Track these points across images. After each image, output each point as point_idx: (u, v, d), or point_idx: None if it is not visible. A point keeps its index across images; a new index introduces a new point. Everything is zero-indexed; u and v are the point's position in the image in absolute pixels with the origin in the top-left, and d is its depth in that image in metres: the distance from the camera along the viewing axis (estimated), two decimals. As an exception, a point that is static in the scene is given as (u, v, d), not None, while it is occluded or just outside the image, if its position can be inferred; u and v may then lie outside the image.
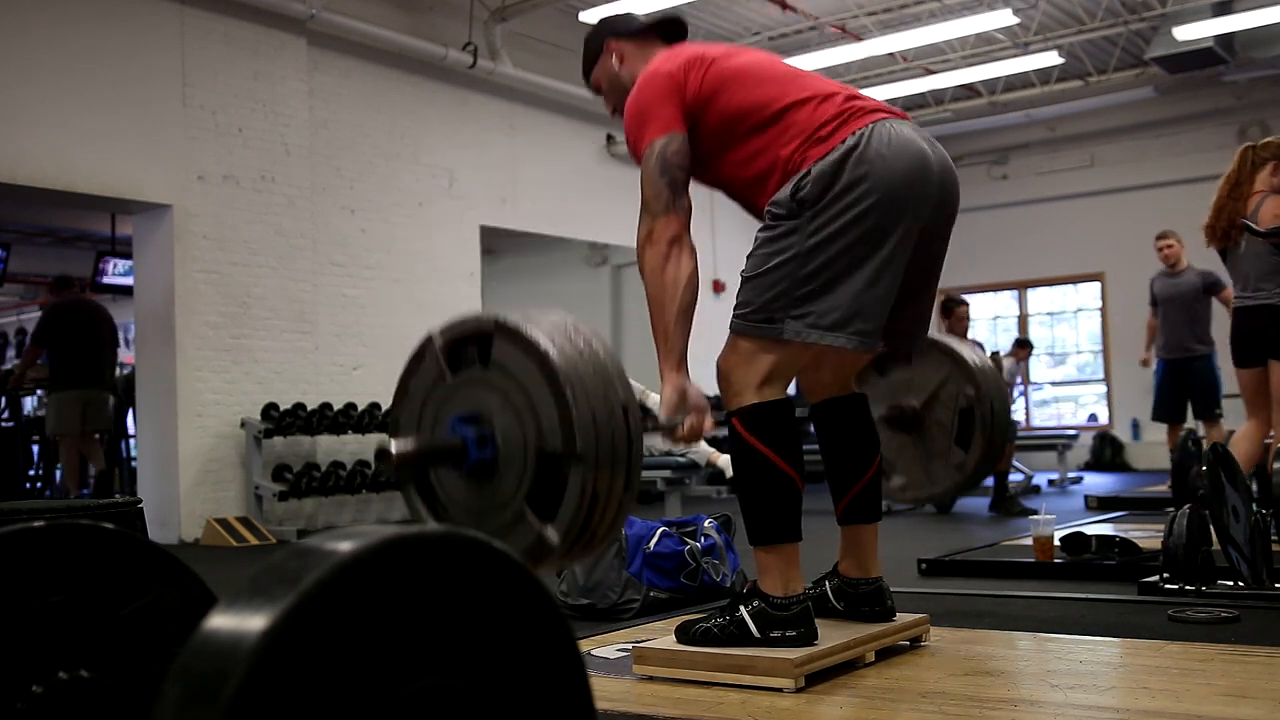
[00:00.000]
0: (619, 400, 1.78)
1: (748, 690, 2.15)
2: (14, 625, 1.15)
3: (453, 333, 1.90)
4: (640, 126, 2.34)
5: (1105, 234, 12.41)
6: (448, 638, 0.87)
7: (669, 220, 2.27)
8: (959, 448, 2.85)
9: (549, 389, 1.74)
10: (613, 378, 1.79)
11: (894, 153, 2.25)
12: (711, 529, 3.63)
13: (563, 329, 1.80)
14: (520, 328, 1.78)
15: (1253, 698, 2.02)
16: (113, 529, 1.22)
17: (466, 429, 1.82)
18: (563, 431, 1.73)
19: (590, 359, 1.78)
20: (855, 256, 2.23)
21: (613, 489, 1.77)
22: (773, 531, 2.27)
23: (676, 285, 2.26)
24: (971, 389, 2.82)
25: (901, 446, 2.92)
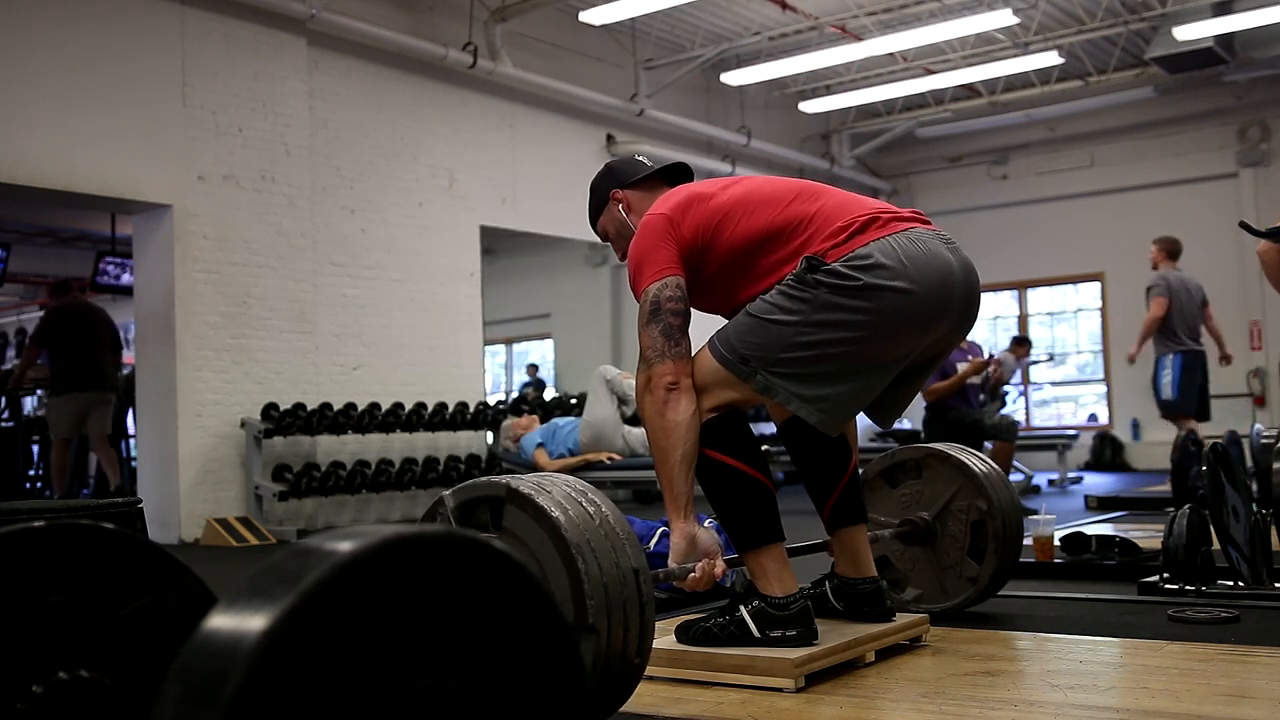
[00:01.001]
0: (630, 567, 1.78)
1: (748, 690, 2.15)
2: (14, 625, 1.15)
3: (464, 495, 1.91)
4: (638, 272, 2.32)
5: (1105, 234, 12.42)
6: (448, 638, 0.87)
7: (665, 367, 2.24)
8: (972, 560, 2.86)
9: (560, 558, 1.75)
10: (624, 543, 1.80)
11: (917, 267, 2.19)
12: (711, 529, 3.63)
13: (573, 496, 1.81)
14: (532, 496, 1.79)
15: (1253, 698, 2.02)
16: (113, 529, 1.22)
17: None
18: (574, 603, 1.74)
19: (601, 525, 1.79)
20: (851, 350, 2.19)
21: (625, 656, 1.78)
22: (755, 535, 2.29)
23: (677, 431, 2.22)
24: (983, 503, 2.83)
25: (915, 559, 2.94)
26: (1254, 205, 11.26)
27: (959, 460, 2.89)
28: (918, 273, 2.18)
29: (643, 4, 8.76)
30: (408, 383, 8.27)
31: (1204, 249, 11.80)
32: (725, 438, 2.28)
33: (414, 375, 8.35)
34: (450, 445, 8.47)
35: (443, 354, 8.64)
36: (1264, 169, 11.62)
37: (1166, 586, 3.22)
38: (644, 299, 2.28)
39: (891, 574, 2.96)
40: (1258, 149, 11.66)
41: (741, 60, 10.93)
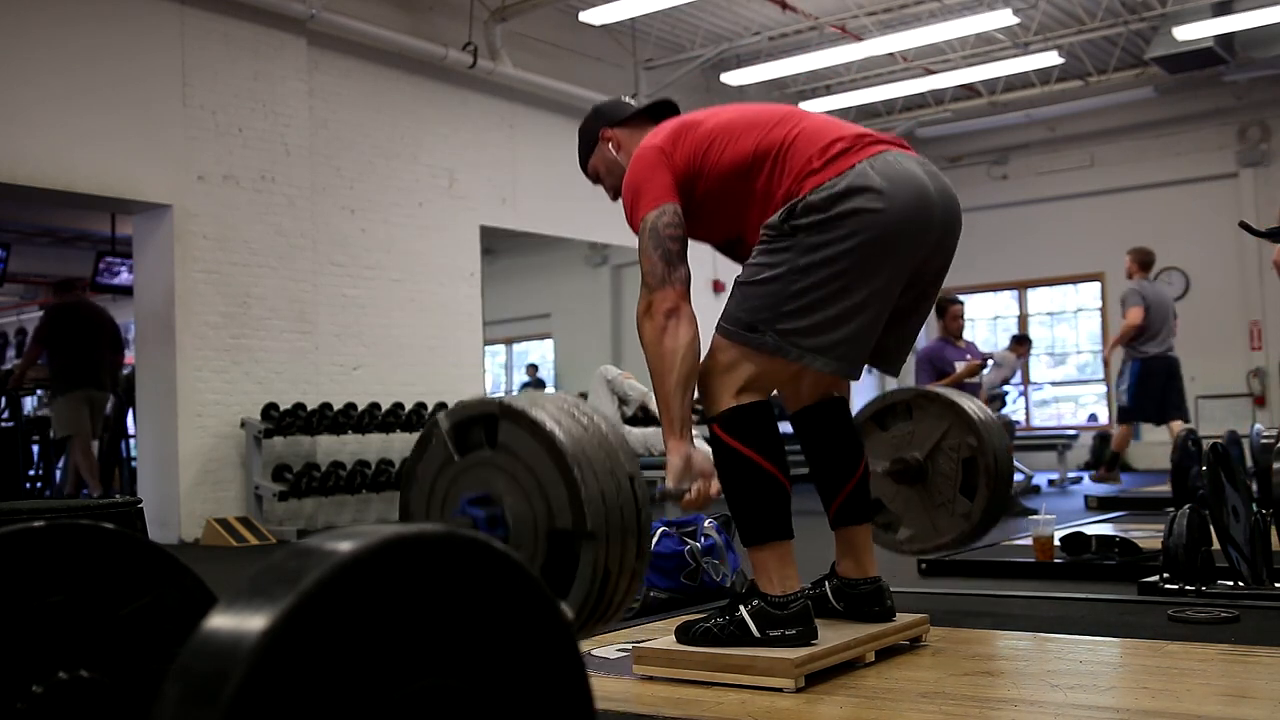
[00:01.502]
0: (625, 473, 1.80)
1: (748, 690, 2.15)
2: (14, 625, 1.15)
3: (458, 416, 1.92)
4: (634, 203, 2.37)
5: (1105, 234, 12.41)
6: (448, 638, 0.87)
7: (665, 293, 2.29)
8: (964, 497, 2.86)
9: (557, 469, 1.76)
10: (617, 451, 1.81)
11: (894, 186, 2.24)
12: (711, 529, 3.63)
13: (566, 409, 1.82)
14: (525, 410, 1.80)
15: (1253, 698, 2.02)
16: (113, 529, 1.22)
17: (477, 510, 1.83)
18: (572, 510, 1.75)
19: (595, 435, 1.80)
20: (846, 284, 2.22)
21: (624, 562, 1.79)
22: (763, 530, 2.28)
23: (674, 355, 2.27)
24: (973, 439, 2.84)
25: (907, 499, 2.94)
26: (1254, 205, 11.26)
27: (948, 399, 2.90)
28: (892, 190, 2.23)
29: (643, 4, 8.76)
30: (408, 383, 8.27)
31: (1204, 249, 11.82)
32: (748, 429, 2.28)
33: (414, 375, 8.35)
34: (450, 445, 8.46)
35: (443, 354, 8.64)
36: (1264, 169, 11.62)
37: (1166, 586, 3.22)
38: (642, 227, 2.33)
39: (884, 516, 2.96)
40: (1258, 149, 11.66)
41: (741, 60, 10.93)
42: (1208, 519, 3.26)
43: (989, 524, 2.93)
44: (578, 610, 1.78)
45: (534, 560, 1.82)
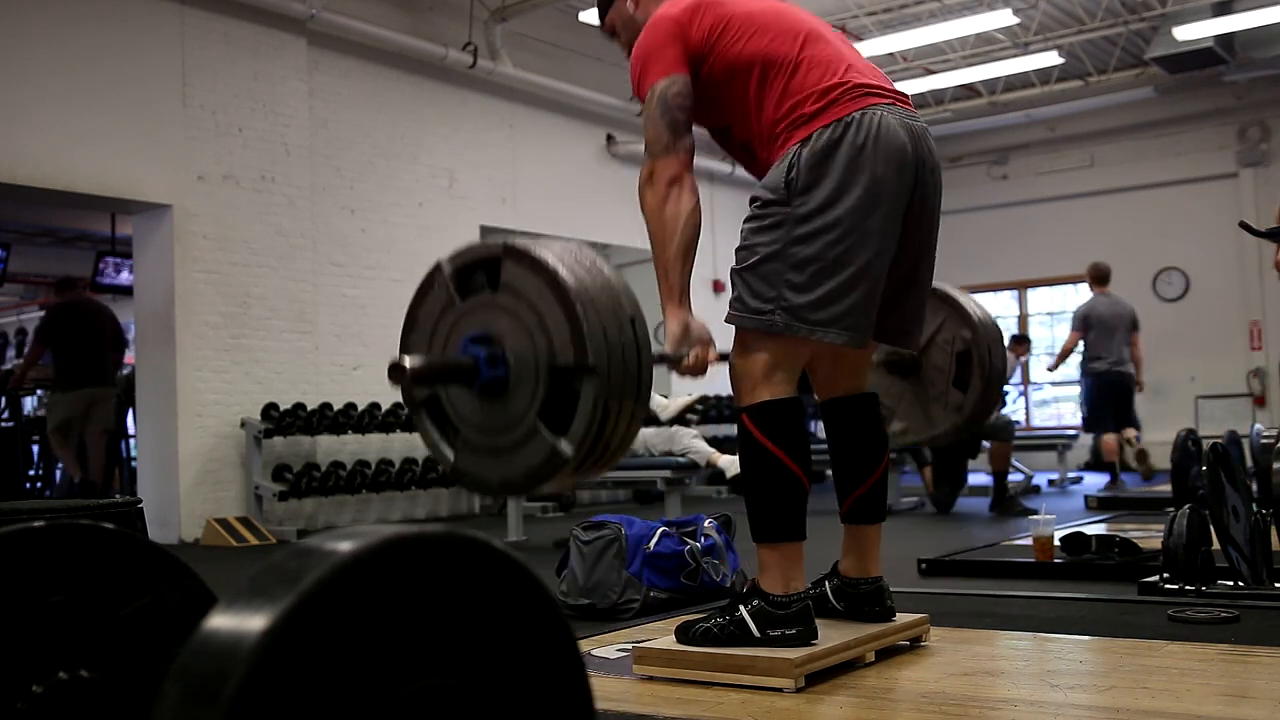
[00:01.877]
0: (627, 315, 1.80)
1: (748, 690, 2.15)
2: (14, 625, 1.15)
3: (461, 259, 1.92)
4: (644, 69, 2.37)
5: (1105, 234, 12.41)
6: (448, 638, 0.87)
7: (668, 161, 2.30)
8: (957, 390, 2.86)
9: (559, 305, 1.76)
10: (619, 293, 1.82)
11: (878, 148, 2.25)
12: (711, 529, 3.63)
13: (570, 252, 1.83)
14: (530, 249, 1.81)
15: (1253, 698, 2.02)
16: (113, 529, 1.22)
17: (478, 349, 1.83)
18: (574, 345, 1.75)
19: (598, 277, 1.80)
20: (841, 252, 2.23)
21: (624, 400, 1.79)
22: (776, 529, 2.27)
23: (676, 222, 2.27)
24: (968, 332, 2.84)
25: (900, 392, 2.93)
26: (1254, 205, 11.26)
27: (944, 292, 2.89)
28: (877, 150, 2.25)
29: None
30: (408, 383, 8.25)
31: (1204, 249, 11.82)
32: (777, 425, 2.27)
33: (414, 375, 8.34)
34: (450, 445, 8.46)
35: (443, 354, 8.62)
36: (1264, 169, 11.62)
37: (1166, 586, 3.22)
38: (650, 94, 2.33)
39: None
40: (1258, 149, 11.66)
41: (741, 60, 10.92)
42: (1208, 519, 3.26)
43: (980, 417, 2.91)
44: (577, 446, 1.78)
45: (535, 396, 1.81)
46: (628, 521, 3.53)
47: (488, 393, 1.86)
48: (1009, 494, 6.84)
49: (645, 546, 3.43)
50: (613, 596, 3.37)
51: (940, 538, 5.41)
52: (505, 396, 1.86)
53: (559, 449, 1.80)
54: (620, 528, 3.48)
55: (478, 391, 1.87)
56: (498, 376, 1.84)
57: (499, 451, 1.90)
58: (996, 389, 2.90)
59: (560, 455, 1.80)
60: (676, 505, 5.41)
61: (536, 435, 1.82)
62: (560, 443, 1.80)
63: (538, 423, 1.82)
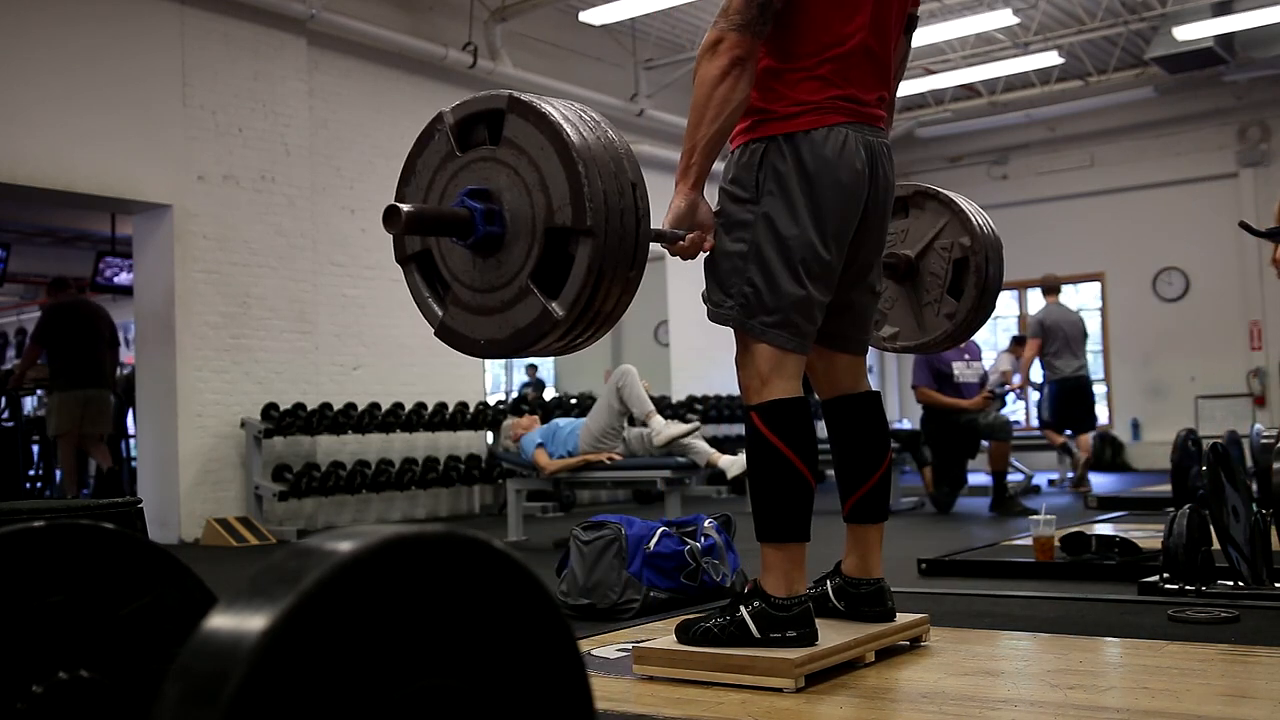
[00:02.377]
0: (629, 180, 1.77)
1: (748, 690, 2.15)
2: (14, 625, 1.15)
3: (464, 110, 1.89)
4: None
5: (1105, 234, 12.42)
6: (448, 638, 0.87)
7: (743, 39, 2.20)
8: (951, 297, 2.83)
9: (561, 164, 1.73)
10: (622, 157, 1.79)
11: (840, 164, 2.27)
12: (711, 529, 3.63)
13: (576, 109, 1.79)
14: (535, 103, 1.77)
15: (1253, 698, 2.02)
16: (113, 529, 1.22)
17: (475, 203, 1.80)
18: (574, 205, 1.72)
19: (601, 137, 1.77)
20: (798, 258, 2.26)
21: (618, 267, 1.76)
22: (781, 529, 2.27)
23: (725, 105, 2.20)
24: (967, 239, 2.80)
25: (894, 296, 2.90)
26: (1254, 205, 11.26)
27: (946, 198, 2.86)
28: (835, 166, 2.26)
29: (643, 4, 8.76)
30: (408, 383, 8.27)
31: (1204, 249, 11.83)
32: (786, 424, 2.27)
33: (414, 375, 8.35)
34: (450, 445, 8.47)
35: (443, 354, 8.62)
36: (1264, 169, 11.62)
37: (1166, 586, 3.22)
38: None
39: None
40: (1258, 149, 11.66)
41: (741, 60, 10.92)
42: (1208, 519, 3.26)
43: (972, 326, 2.88)
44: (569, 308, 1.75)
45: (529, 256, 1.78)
46: (628, 521, 3.53)
47: (481, 249, 1.82)
48: (1008, 494, 6.84)
49: (645, 546, 3.43)
50: (613, 596, 3.37)
51: (940, 538, 5.41)
52: (499, 254, 1.81)
53: (550, 309, 1.76)
54: (620, 528, 3.48)
55: (471, 247, 1.83)
56: (493, 233, 1.80)
57: (488, 310, 1.85)
58: (991, 300, 2.87)
59: (550, 316, 1.76)
60: (676, 505, 5.41)
61: (528, 295, 1.78)
62: (551, 304, 1.76)
63: (529, 283, 1.78)
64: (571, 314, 1.74)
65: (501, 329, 1.85)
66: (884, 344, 2.87)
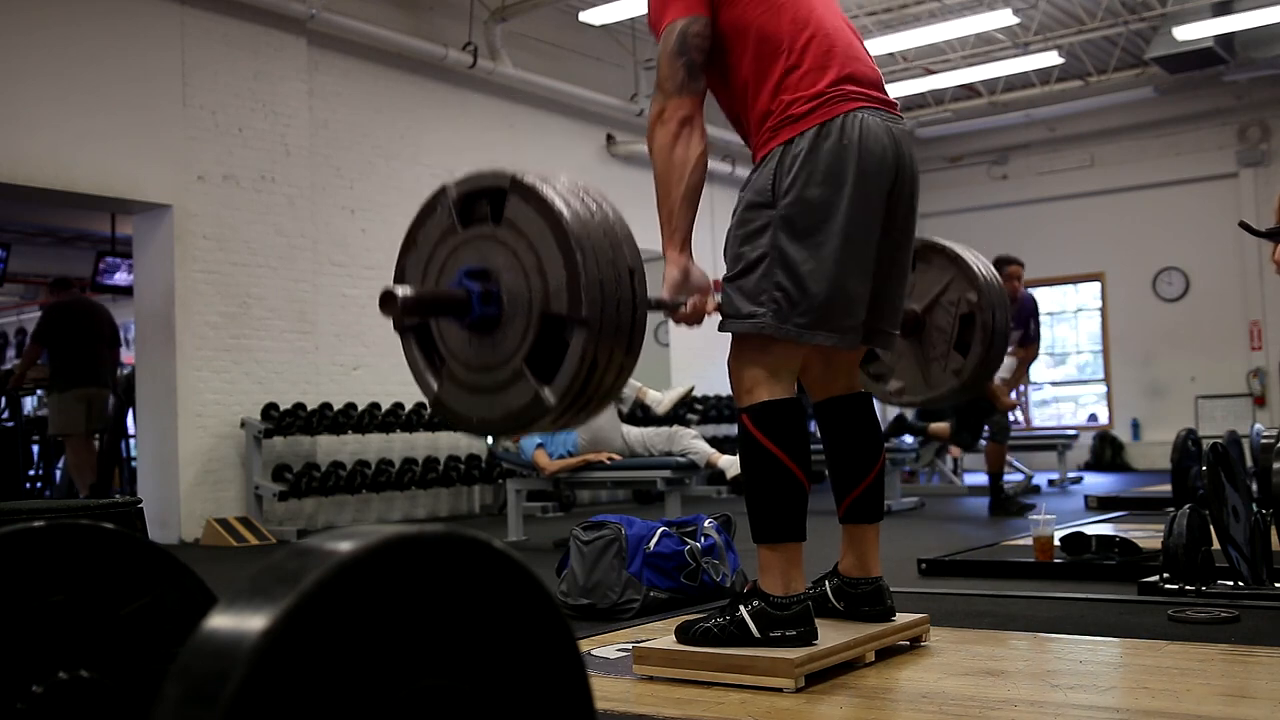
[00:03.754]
0: (626, 266, 1.77)
1: (748, 690, 2.15)
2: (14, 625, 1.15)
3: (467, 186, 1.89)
4: (663, 5, 2.33)
5: (1105, 234, 12.42)
6: (448, 638, 0.87)
7: (682, 101, 2.26)
8: (958, 353, 2.83)
9: (559, 251, 1.73)
10: (621, 242, 1.79)
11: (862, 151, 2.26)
12: (711, 529, 3.63)
13: (576, 190, 1.80)
14: (536, 186, 1.77)
15: (1253, 698, 2.02)
16: (113, 529, 1.22)
17: (473, 283, 1.81)
18: (569, 295, 1.73)
19: (601, 222, 1.77)
20: (828, 253, 2.24)
21: (613, 355, 1.77)
22: (777, 530, 2.27)
23: (685, 165, 2.24)
24: (974, 294, 2.80)
25: (900, 351, 2.90)
26: (1254, 205, 11.26)
27: (953, 252, 2.86)
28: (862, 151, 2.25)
29: (643, 4, 8.74)
30: (408, 383, 8.17)
31: (1204, 249, 11.83)
32: (777, 426, 2.27)
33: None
34: (450, 445, 8.47)
35: (443, 354, 8.62)
36: (1264, 169, 11.62)
37: (1166, 586, 3.22)
38: (669, 30, 2.30)
39: (876, 367, 2.93)
40: (1258, 149, 11.66)
41: (741, 60, 10.92)
42: (1208, 519, 3.26)
43: (979, 382, 2.88)
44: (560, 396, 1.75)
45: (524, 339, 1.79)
46: (628, 521, 3.53)
47: (478, 329, 1.84)
48: (1004, 495, 6.84)
49: (645, 546, 3.43)
50: (613, 596, 3.37)
51: (940, 538, 5.41)
52: (495, 334, 1.83)
53: (542, 396, 1.77)
54: (620, 528, 3.48)
55: (468, 326, 1.84)
56: (489, 314, 1.81)
57: (482, 390, 1.86)
58: (998, 355, 2.87)
59: (542, 403, 1.77)
60: (676, 505, 5.41)
61: (521, 379, 1.79)
62: (544, 391, 1.77)
63: (524, 367, 1.79)
64: (563, 402, 1.76)
65: (494, 409, 1.86)
66: (890, 398, 2.87)
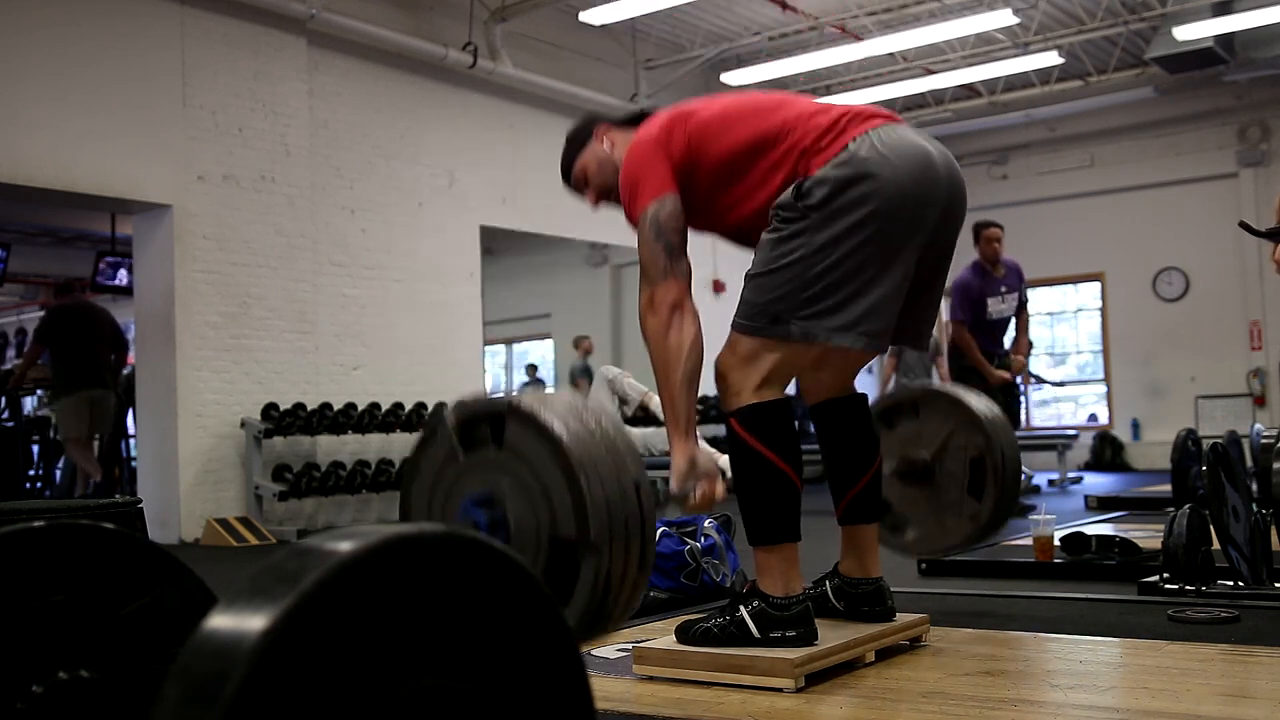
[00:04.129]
0: (631, 480, 1.78)
1: (748, 690, 2.15)
2: (14, 625, 1.15)
3: (464, 412, 1.89)
4: (633, 195, 2.34)
5: (1105, 234, 12.42)
6: (448, 638, 0.87)
7: (668, 286, 2.26)
8: (972, 498, 2.84)
9: (563, 475, 1.74)
10: (624, 457, 1.80)
11: (898, 155, 2.24)
12: (711, 529, 3.63)
13: (575, 411, 1.81)
14: (534, 412, 1.79)
15: (1253, 698, 2.02)
16: (113, 529, 1.22)
17: (479, 512, 1.82)
18: (576, 519, 1.73)
19: (602, 440, 1.78)
20: (863, 258, 2.22)
21: (626, 572, 1.77)
22: (772, 531, 2.27)
23: (680, 351, 2.25)
24: (981, 438, 2.81)
25: (914, 500, 2.91)
26: (1254, 205, 11.26)
27: (955, 398, 2.87)
28: (897, 159, 2.24)
29: (643, 4, 8.76)
30: (408, 383, 8.27)
31: (1204, 249, 11.83)
32: (767, 427, 2.27)
33: (414, 375, 8.35)
34: (450, 445, 8.46)
35: (443, 354, 8.63)
36: (1264, 169, 11.62)
37: (1166, 586, 3.22)
38: (643, 219, 2.30)
39: (891, 518, 2.94)
40: (1258, 149, 11.66)
41: (741, 60, 10.93)
42: (1208, 519, 3.26)
43: (997, 525, 2.89)
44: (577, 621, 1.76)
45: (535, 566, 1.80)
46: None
47: None
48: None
49: (645, 546, 3.43)
50: (613, 597, 3.37)
51: (940, 538, 5.40)
52: None
53: None
54: (620, 528, 3.48)
55: None
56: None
57: None
58: (1013, 497, 2.88)
59: None
60: (676, 505, 5.40)
61: None
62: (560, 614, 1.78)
63: None
64: (581, 624, 1.77)
65: None
66: (908, 549, 2.88)
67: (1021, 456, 2.87)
